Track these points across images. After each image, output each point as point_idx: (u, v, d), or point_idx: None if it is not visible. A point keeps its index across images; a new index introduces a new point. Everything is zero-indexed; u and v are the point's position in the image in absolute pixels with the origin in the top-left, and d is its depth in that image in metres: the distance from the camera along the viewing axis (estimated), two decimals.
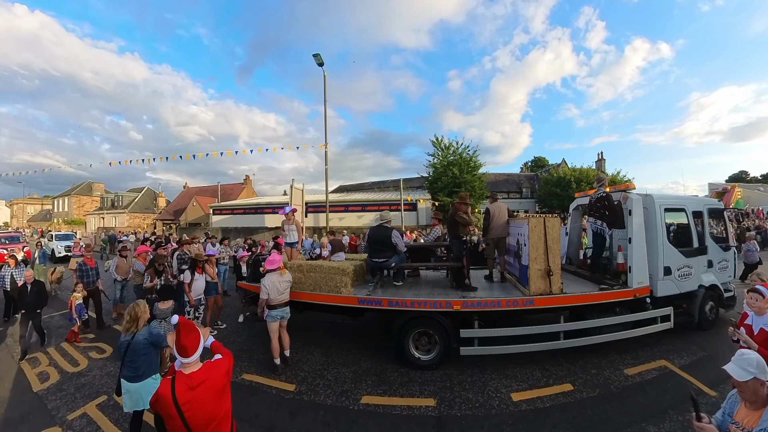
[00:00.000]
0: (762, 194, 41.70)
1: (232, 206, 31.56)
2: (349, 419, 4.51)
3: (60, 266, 13.41)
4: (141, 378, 3.74)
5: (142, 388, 3.75)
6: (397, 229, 7.05)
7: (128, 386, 3.73)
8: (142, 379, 3.74)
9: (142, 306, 3.95)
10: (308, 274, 6.50)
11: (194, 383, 2.39)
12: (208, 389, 2.43)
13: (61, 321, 8.83)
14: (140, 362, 3.73)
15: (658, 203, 6.65)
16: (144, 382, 3.76)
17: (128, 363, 3.72)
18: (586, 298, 6.01)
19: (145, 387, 3.75)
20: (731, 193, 36.56)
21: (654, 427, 4.22)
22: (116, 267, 8.95)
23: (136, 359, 3.72)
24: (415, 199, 24.56)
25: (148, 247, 9.93)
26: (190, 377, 2.41)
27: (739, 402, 2.36)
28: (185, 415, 2.31)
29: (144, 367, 3.75)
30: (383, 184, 44.37)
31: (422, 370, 5.71)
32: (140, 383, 3.74)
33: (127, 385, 3.73)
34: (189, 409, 2.32)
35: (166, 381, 2.40)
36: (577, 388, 5.12)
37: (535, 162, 63.94)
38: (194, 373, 2.45)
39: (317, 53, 15.43)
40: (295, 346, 6.54)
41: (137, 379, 3.73)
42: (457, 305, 5.71)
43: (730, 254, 7.70)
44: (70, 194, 56.73)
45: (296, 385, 5.34)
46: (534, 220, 5.83)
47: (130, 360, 3.71)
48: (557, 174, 35.95)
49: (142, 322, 3.86)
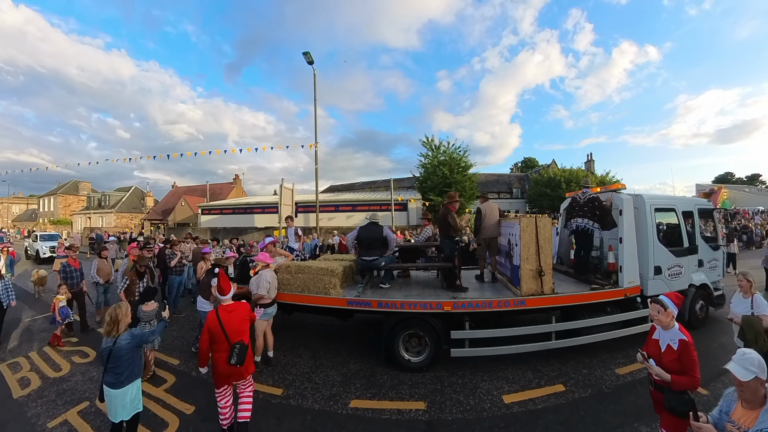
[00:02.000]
0: (747, 195, 42.56)
1: (221, 206, 31.31)
2: (337, 424, 4.40)
3: (43, 268, 13.09)
4: (122, 384, 3.54)
5: (123, 394, 3.56)
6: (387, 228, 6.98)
7: (110, 392, 3.53)
8: (123, 386, 3.54)
9: (124, 308, 3.70)
10: (296, 275, 6.37)
11: (229, 309, 4.08)
12: (237, 315, 4.08)
13: (43, 324, 8.57)
14: (123, 368, 3.53)
15: (648, 203, 6.65)
16: (125, 389, 3.55)
17: (111, 369, 3.51)
18: (577, 298, 5.99)
19: (127, 394, 3.56)
20: (718, 194, 37.28)
21: (646, 427, 4.18)
22: (97, 270, 8.66)
23: (119, 365, 3.52)
24: (405, 199, 24.59)
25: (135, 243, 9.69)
26: (227, 307, 4.10)
27: (735, 400, 2.35)
28: (224, 327, 3.92)
29: (126, 372, 3.56)
30: (374, 184, 44.29)
31: (412, 373, 5.62)
32: (122, 389, 3.54)
33: (109, 392, 3.53)
34: (226, 323, 3.95)
35: (212, 311, 4.07)
36: (569, 389, 5.08)
37: (525, 163, 64.37)
38: (229, 305, 4.13)
39: (307, 51, 15.32)
40: (283, 349, 6.42)
41: (118, 386, 3.52)
42: (448, 306, 5.63)
43: (719, 254, 7.76)
44: (56, 193, 55.74)
45: (283, 389, 5.22)
46: (525, 220, 5.78)
47: (113, 366, 3.51)
48: (547, 174, 36.16)
49: (122, 325, 3.61)
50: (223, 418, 4.05)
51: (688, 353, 2.92)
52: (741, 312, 4.39)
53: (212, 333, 3.93)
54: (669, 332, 3.06)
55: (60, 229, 43.43)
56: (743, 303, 4.49)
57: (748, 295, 4.49)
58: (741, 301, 4.56)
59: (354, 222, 23.87)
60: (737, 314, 4.43)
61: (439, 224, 6.80)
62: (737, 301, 4.63)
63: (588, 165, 40.61)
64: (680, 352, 2.94)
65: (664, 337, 3.11)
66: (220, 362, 3.90)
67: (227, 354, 3.86)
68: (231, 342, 3.88)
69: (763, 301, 4.37)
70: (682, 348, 2.95)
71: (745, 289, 4.54)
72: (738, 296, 4.66)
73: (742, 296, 4.58)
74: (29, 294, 11.79)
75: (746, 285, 4.52)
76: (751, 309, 4.33)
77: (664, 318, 3.09)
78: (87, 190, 57.70)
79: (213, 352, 3.97)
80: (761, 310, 4.26)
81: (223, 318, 3.95)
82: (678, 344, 2.96)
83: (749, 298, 4.46)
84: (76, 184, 58.48)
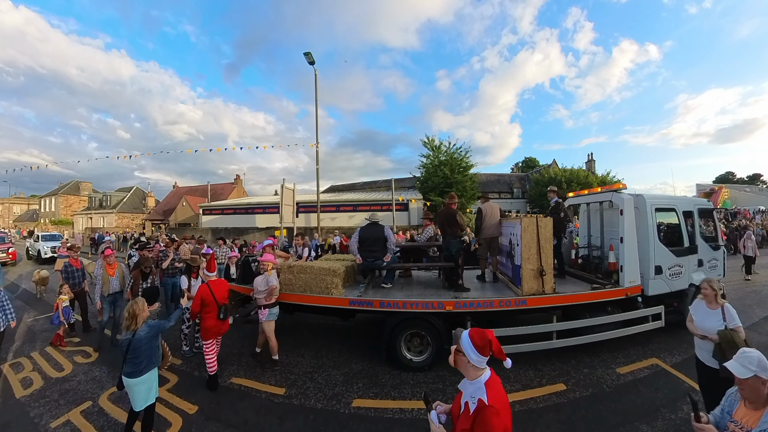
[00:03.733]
0: (748, 195, 42.50)
1: (223, 206, 31.30)
2: (339, 423, 4.43)
3: (45, 268, 13.11)
4: (141, 373, 3.82)
5: (141, 383, 3.83)
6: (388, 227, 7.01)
7: (128, 382, 3.82)
8: (141, 374, 3.82)
9: (141, 303, 3.98)
10: (298, 276, 6.39)
11: (216, 283, 5.56)
12: (222, 287, 5.63)
13: (45, 324, 8.58)
14: (142, 357, 3.82)
15: (649, 203, 6.67)
16: (142, 378, 3.83)
17: (130, 360, 3.79)
18: (578, 297, 6.01)
19: (144, 382, 3.85)
20: (718, 193, 37.28)
21: (647, 426, 4.21)
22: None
23: (138, 355, 3.80)
24: (406, 199, 24.58)
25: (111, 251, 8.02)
26: (214, 282, 5.56)
27: (738, 400, 2.34)
28: (215, 294, 5.33)
29: (145, 362, 3.85)
30: (375, 184, 44.31)
31: (414, 372, 5.65)
32: (139, 378, 3.81)
33: (128, 381, 3.82)
34: (216, 292, 5.38)
35: (203, 285, 5.44)
36: (569, 388, 5.10)
37: (526, 162, 64.33)
38: (215, 280, 5.63)
39: (308, 52, 15.35)
40: (285, 349, 6.44)
41: (137, 375, 3.80)
42: (449, 306, 5.66)
43: (720, 253, 7.77)
44: (57, 194, 55.82)
45: (286, 389, 5.25)
46: (526, 220, 5.81)
47: (132, 357, 3.78)
48: (548, 174, 36.13)
49: (140, 319, 3.90)
50: (210, 366, 5.26)
51: (484, 424, 1.85)
52: (712, 326, 3.75)
53: (205, 300, 5.27)
54: (472, 385, 2.07)
55: (61, 229, 43.52)
56: (711, 315, 3.85)
57: (714, 306, 3.88)
58: (707, 312, 3.91)
59: (356, 222, 23.90)
60: (709, 329, 3.77)
61: (444, 223, 6.81)
62: (702, 312, 3.96)
63: (589, 165, 40.58)
64: (474, 419, 1.92)
65: (466, 390, 2.12)
66: (209, 321, 5.27)
67: (216, 313, 5.28)
68: (219, 304, 5.34)
69: (734, 311, 3.79)
70: (478, 413, 1.91)
71: (709, 298, 3.91)
72: (701, 307, 4.02)
73: (706, 306, 3.95)
74: (31, 294, 11.82)
75: (711, 294, 3.88)
76: (724, 321, 3.73)
77: (460, 360, 2.14)
78: (88, 190, 57.78)
79: (203, 314, 5.29)
80: (735, 322, 3.71)
81: (213, 288, 5.40)
82: (476, 405, 1.95)
83: (717, 309, 3.84)
84: (77, 184, 58.57)
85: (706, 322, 3.87)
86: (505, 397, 2.03)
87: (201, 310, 5.26)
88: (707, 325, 3.84)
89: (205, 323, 5.28)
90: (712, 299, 3.90)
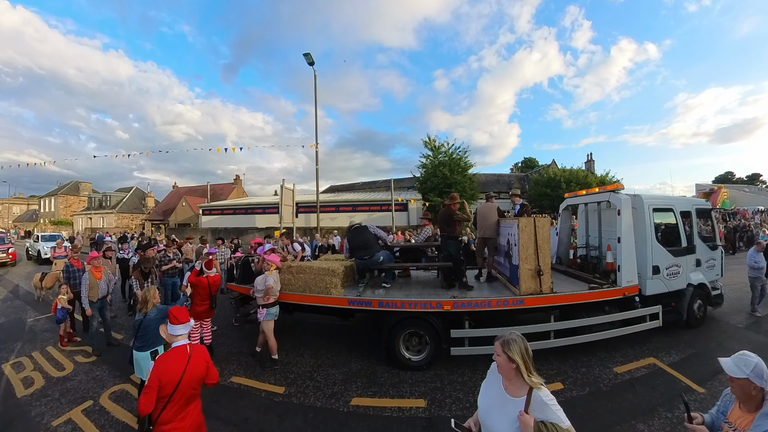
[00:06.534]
0: (747, 195, 42.53)
1: (222, 206, 31.34)
2: (338, 422, 4.46)
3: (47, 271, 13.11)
4: (149, 347, 4.37)
5: (146, 357, 4.35)
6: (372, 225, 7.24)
7: (138, 355, 4.40)
8: (149, 348, 4.37)
9: (153, 291, 4.57)
10: (298, 276, 6.43)
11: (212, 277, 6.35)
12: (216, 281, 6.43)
13: (45, 324, 8.61)
14: (150, 335, 4.35)
15: (646, 203, 6.71)
16: (147, 352, 4.36)
17: (140, 336, 4.37)
18: (576, 297, 6.04)
19: (146, 357, 4.34)
20: (718, 193, 37.25)
21: (643, 425, 4.23)
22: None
23: (147, 333, 4.36)
24: (405, 199, 24.61)
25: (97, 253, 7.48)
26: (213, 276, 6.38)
27: (733, 401, 2.30)
28: (211, 286, 6.27)
29: (152, 339, 4.36)
30: (374, 185, 44.25)
31: (413, 371, 5.68)
32: (147, 351, 4.36)
33: (137, 354, 4.40)
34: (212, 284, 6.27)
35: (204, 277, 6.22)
36: (567, 387, 5.13)
37: (525, 163, 64.27)
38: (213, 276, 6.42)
39: (307, 53, 15.39)
40: (285, 348, 6.47)
41: (145, 348, 4.37)
42: (448, 305, 5.69)
43: (718, 253, 7.81)
44: (57, 194, 55.83)
45: (285, 388, 5.28)
46: (524, 220, 5.84)
47: (142, 334, 4.36)
48: (547, 174, 36.05)
49: (150, 304, 4.45)
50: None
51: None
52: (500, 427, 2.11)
53: (200, 291, 6.19)
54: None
55: (61, 229, 43.48)
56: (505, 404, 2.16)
57: (516, 385, 2.18)
58: (500, 396, 2.21)
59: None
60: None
61: (444, 223, 6.86)
62: (492, 394, 2.28)
63: (588, 165, 40.52)
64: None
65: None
66: (200, 306, 6.21)
67: (209, 301, 6.28)
68: (213, 294, 6.32)
69: (551, 399, 2.16)
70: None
71: (506, 371, 2.22)
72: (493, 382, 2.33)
73: (502, 385, 2.25)
74: (32, 294, 11.82)
75: (508, 365, 2.20)
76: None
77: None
78: (88, 190, 57.79)
79: (195, 298, 6.21)
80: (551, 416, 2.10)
81: (211, 281, 6.30)
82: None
83: (522, 395, 2.13)
84: (76, 184, 58.57)
85: (492, 417, 2.17)
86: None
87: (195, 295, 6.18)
88: (493, 422, 2.14)
89: (196, 308, 6.15)
90: (513, 374, 2.16)
